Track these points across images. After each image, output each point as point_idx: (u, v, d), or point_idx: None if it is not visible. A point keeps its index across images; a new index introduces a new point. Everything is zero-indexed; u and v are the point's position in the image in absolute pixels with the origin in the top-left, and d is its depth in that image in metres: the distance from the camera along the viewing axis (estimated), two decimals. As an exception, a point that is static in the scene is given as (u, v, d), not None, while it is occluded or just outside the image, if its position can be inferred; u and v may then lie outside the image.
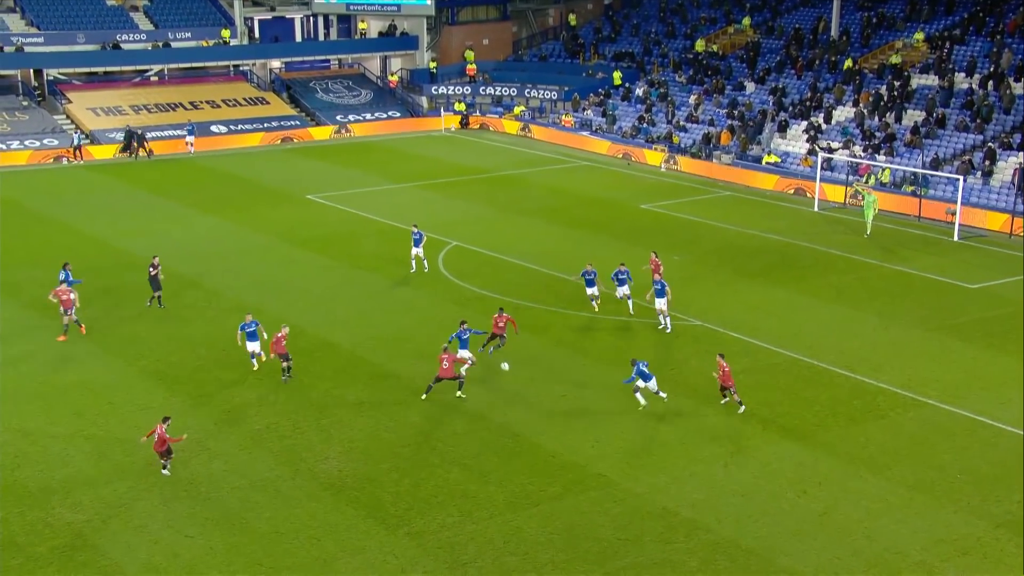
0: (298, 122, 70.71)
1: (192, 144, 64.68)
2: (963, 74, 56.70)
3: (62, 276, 34.91)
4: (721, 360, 28.29)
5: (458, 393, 29.12)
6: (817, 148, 54.92)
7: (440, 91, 75.84)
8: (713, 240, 44.77)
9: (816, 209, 50.14)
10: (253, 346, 30.49)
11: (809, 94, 60.65)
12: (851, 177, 51.81)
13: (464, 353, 29.85)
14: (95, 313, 35.32)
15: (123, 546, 22.33)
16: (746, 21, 71.30)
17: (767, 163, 56.54)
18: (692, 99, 65.33)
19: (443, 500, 23.99)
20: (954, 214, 45.41)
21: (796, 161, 56.28)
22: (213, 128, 67.96)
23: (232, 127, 68.61)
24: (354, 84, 76.46)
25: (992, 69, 55.73)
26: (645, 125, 64.72)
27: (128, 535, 22.73)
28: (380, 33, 79.66)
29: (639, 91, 68.96)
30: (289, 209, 50.54)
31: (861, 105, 57.55)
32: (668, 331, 33.59)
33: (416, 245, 39.50)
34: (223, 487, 24.61)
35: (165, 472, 25.04)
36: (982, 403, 28.40)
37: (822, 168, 52.06)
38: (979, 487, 24.27)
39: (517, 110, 72.69)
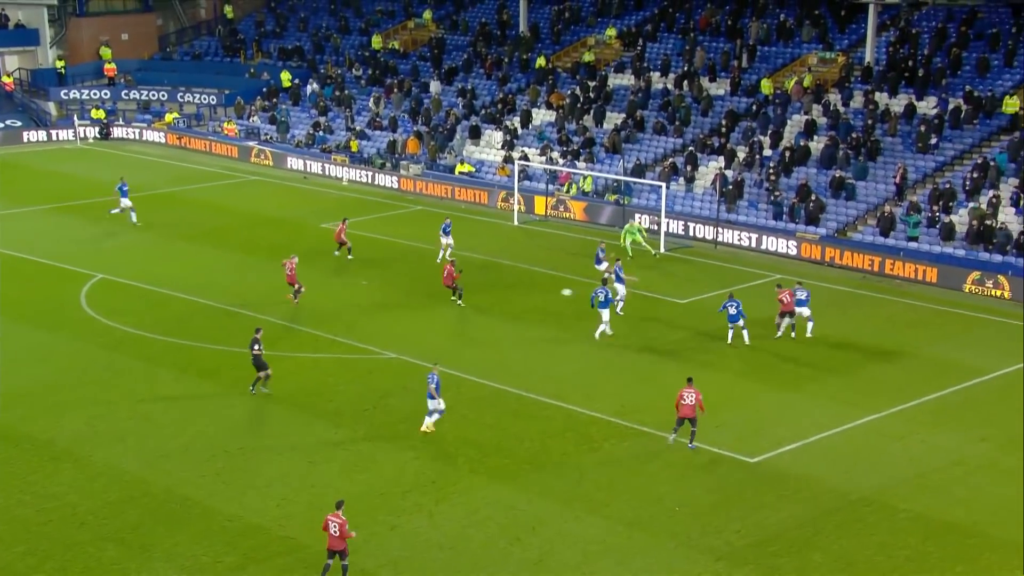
0: None
1: None
2: (658, 73, 60.33)
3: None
4: (780, 291, 36.48)
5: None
6: (513, 156, 56.70)
7: (72, 95, 72.61)
8: (405, 261, 45.27)
9: (516, 223, 51.75)
10: None
11: (500, 95, 62.61)
12: (551, 186, 53.87)
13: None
14: None
15: None
16: (427, 15, 72.79)
17: (460, 173, 57.81)
18: (371, 101, 65.91)
19: (98, 585, 22.89)
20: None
21: (492, 170, 57.88)
22: None
23: None
24: (-41, 87, 71.93)
25: (685, 68, 59.70)
26: (321, 132, 64.65)
27: None
28: (-11, 25, 75.41)
29: (309, 89, 68.87)
30: None
31: (556, 107, 59.94)
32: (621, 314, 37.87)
33: (446, 234, 44.35)
34: None
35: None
36: (697, 428, 30.08)
37: (520, 178, 53.74)
38: (698, 518, 25.79)
39: (169, 117, 70.71)
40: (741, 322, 35.86)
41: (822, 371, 34.56)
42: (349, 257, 44.64)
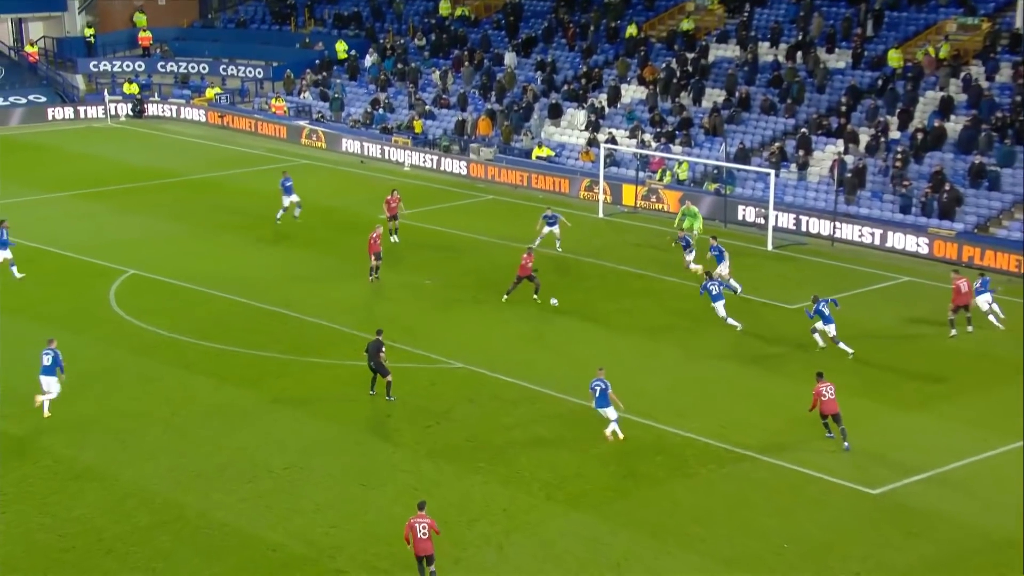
0: None
1: None
2: (767, 43, 59.87)
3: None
4: (957, 277, 36.97)
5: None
6: (598, 138, 56.61)
7: (102, 67, 73.87)
8: (473, 257, 45.37)
9: (601, 215, 51.67)
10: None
11: (585, 69, 62.51)
12: (642, 174, 53.70)
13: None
14: None
15: None
16: (502, -24, 72.97)
17: (538, 158, 57.85)
18: (437, 76, 66.15)
19: (126, 620, 23.22)
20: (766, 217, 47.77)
21: (574, 155, 57.82)
22: None
23: None
24: (-23, 57, 73.53)
25: (800, 37, 59.14)
26: (381, 111, 65.02)
27: None
28: (9, -13, 76.92)
29: (368, 61, 69.24)
30: None
31: (648, 83, 59.70)
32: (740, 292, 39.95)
33: (551, 224, 45.36)
34: None
35: None
36: (808, 452, 29.83)
37: (606, 164, 53.62)
38: (809, 557, 25.47)
39: (210, 93, 71.60)
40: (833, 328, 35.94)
41: (957, 389, 34.02)
42: (394, 239, 45.81)
